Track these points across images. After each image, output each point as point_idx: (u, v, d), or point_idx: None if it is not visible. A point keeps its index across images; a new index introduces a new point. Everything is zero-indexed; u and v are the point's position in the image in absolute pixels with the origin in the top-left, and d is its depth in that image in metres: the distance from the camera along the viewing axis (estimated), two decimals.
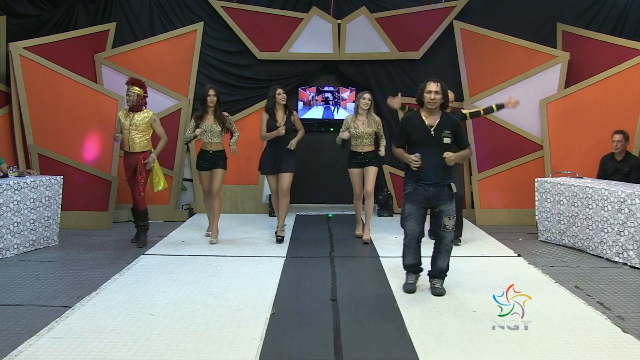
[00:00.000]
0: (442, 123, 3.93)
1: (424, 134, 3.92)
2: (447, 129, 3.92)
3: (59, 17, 6.94)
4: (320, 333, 3.29)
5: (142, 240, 5.52)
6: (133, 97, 5.41)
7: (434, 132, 3.91)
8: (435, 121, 3.93)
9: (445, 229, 3.95)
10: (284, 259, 5.03)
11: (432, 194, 3.92)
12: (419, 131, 3.94)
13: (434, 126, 3.92)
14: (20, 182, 5.16)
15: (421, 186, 3.93)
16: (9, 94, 6.44)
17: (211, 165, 5.63)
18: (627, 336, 3.22)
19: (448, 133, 3.92)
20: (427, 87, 3.95)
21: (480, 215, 6.89)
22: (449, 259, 4.05)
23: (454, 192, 3.94)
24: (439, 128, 3.92)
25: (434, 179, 3.90)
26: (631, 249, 4.76)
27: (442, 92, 3.94)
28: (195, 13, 7.21)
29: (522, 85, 6.85)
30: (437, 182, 3.91)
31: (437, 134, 3.91)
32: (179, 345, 3.08)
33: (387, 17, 7.15)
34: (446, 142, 3.91)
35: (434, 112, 3.97)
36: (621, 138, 5.90)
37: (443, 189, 3.92)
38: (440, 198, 3.92)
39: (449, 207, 3.93)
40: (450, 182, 3.94)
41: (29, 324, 3.37)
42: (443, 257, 4.03)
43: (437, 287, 4.03)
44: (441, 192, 3.92)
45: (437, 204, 3.94)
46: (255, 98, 7.25)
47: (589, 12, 7.08)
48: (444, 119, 3.97)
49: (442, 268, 4.05)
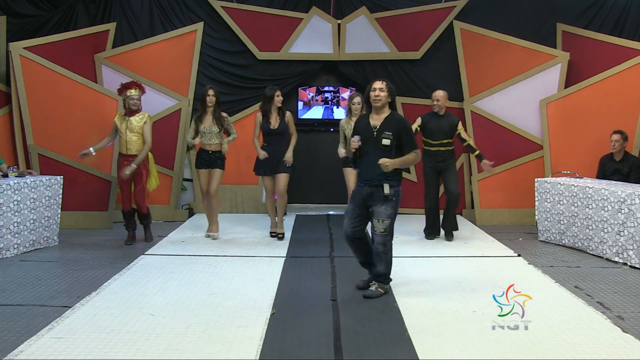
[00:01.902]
0: (385, 123, 3.90)
1: (368, 134, 3.93)
2: (389, 130, 3.87)
3: (59, 17, 6.94)
4: (320, 333, 3.29)
5: (148, 236, 5.64)
6: (137, 101, 5.46)
7: (376, 132, 3.90)
8: (380, 121, 3.92)
9: (374, 231, 3.92)
10: (284, 259, 5.04)
11: (367, 193, 3.91)
12: (365, 131, 3.96)
13: (377, 126, 3.91)
14: (20, 182, 5.16)
15: (360, 185, 3.97)
16: (9, 94, 6.44)
17: (209, 165, 5.68)
18: (627, 336, 3.22)
19: (388, 134, 3.85)
20: (372, 85, 3.95)
21: (480, 215, 6.89)
22: (384, 264, 3.94)
23: (386, 194, 3.84)
24: (381, 128, 3.89)
25: (370, 178, 3.88)
26: (631, 249, 4.76)
27: (388, 91, 3.92)
28: (195, 13, 7.21)
29: (522, 85, 6.85)
30: (373, 183, 3.87)
31: (378, 134, 3.89)
32: (179, 345, 3.08)
33: (387, 17, 7.15)
34: (384, 144, 3.84)
35: (380, 112, 3.95)
36: (619, 138, 5.89)
37: (377, 190, 3.86)
38: (373, 198, 3.88)
39: (380, 209, 3.86)
40: (384, 183, 3.84)
41: (29, 324, 3.37)
42: (376, 259, 3.97)
43: (370, 290, 4.00)
44: (375, 193, 3.87)
45: (371, 204, 3.91)
46: (255, 98, 7.23)
47: (589, 12, 7.08)
48: (389, 119, 3.92)
49: (378, 272, 3.98)
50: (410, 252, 5.32)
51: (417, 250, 5.39)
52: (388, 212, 3.85)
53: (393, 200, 3.87)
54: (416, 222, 6.34)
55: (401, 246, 5.55)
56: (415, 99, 7.17)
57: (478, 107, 6.94)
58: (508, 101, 6.90)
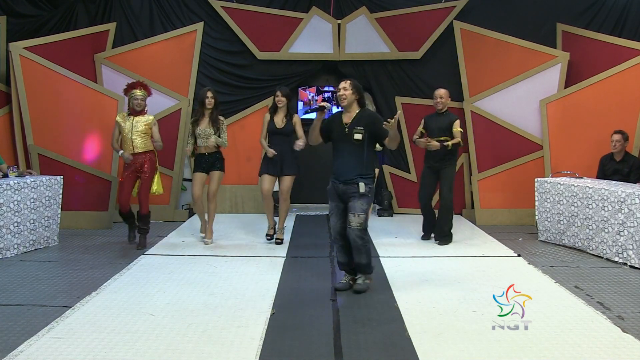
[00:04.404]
0: (356, 120, 4.01)
1: (340, 132, 4.03)
2: (359, 125, 3.97)
3: (59, 17, 6.94)
4: (320, 333, 3.29)
5: (141, 243, 5.45)
6: (142, 101, 5.43)
7: (347, 129, 4.00)
8: (351, 119, 4.03)
9: (350, 226, 3.97)
10: (284, 259, 5.03)
11: (342, 190, 4.00)
12: (337, 130, 4.06)
13: (348, 124, 4.02)
14: (20, 182, 5.16)
15: (334, 182, 4.04)
16: (9, 94, 6.44)
17: (208, 168, 5.59)
18: (627, 336, 3.22)
19: (360, 129, 3.96)
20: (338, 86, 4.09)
21: (480, 215, 6.89)
22: (364, 255, 4.02)
23: (360, 192, 3.93)
24: (352, 125, 4.00)
25: (345, 175, 3.97)
26: (631, 248, 4.76)
27: (353, 89, 4.02)
28: (195, 13, 7.21)
29: (522, 85, 6.85)
30: (347, 180, 3.97)
31: (349, 131, 3.99)
32: (179, 345, 3.08)
33: (387, 17, 7.15)
34: (356, 138, 3.95)
35: (350, 110, 4.06)
36: (620, 138, 5.89)
37: (351, 187, 3.96)
38: (348, 194, 3.97)
39: (356, 204, 3.94)
40: (359, 182, 3.94)
41: (29, 324, 3.37)
42: (356, 253, 4.04)
43: (358, 283, 4.07)
44: (349, 189, 3.97)
45: (346, 199, 4.00)
46: (255, 98, 7.25)
47: (589, 12, 7.08)
48: (359, 116, 4.04)
49: (360, 263, 4.06)
50: (410, 252, 5.32)
51: (417, 250, 5.39)
52: (364, 207, 3.97)
53: (368, 196, 3.99)
54: (415, 222, 6.33)
55: (401, 246, 5.56)
56: (415, 99, 7.18)
57: (478, 107, 6.94)
58: (508, 101, 6.90)
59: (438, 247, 5.50)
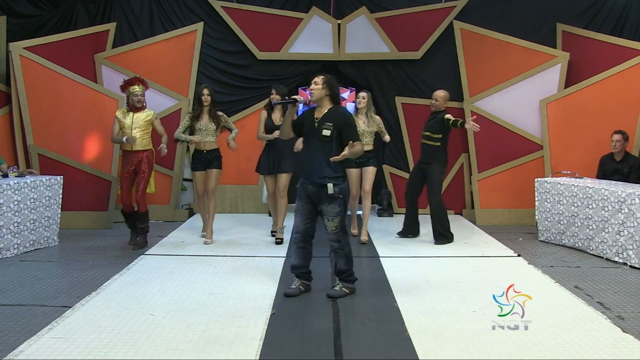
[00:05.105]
0: (327, 116, 3.93)
1: (310, 127, 3.96)
2: (329, 121, 3.90)
3: (59, 17, 6.94)
4: (320, 333, 3.29)
5: (141, 242, 5.45)
6: (141, 97, 5.43)
7: (317, 124, 3.93)
8: (321, 114, 3.96)
9: (326, 230, 3.95)
10: (284, 259, 5.04)
11: (311, 192, 3.92)
12: (308, 124, 3.99)
13: (319, 118, 3.95)
14: (20, 182, 5.16)
15: (304, 183, 3.97)
16: (9, 94, 6.44)
17: (206, 165, 5.61)
18: (627, 336, 3.22)
19: (329, 125, 3.87)
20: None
21: (480, 215, 6.88)
22: (343, 259, 3.98)
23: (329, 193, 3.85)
24: (322, 120, 3.93)
25: (313, 177, 3.89)
26: (631, 248, 4.76)
27: (324, 84, 3.93)
28: (195, 13, 7.21)
29: (522, 85, 6.85)
30: (314, 181, 3.89)
31: (319, 125, 3.92)
32: (179, 345, 3.08)
33: (387, 17, 7.14)
34: (324, 135, 3.86)
35: (321, 106, 3.99)
36: (620, 138, 5.89)
37: (321, 189, 3.87)
38: (319, 197, 3.90)
39: (328, 208, 3.88)
40: (328, 183, 3.83)
41: (29, 324, 3.37)
42: (336, 257, 4.01)
43: (333, 289, 4.00)
44: (320, 192, 3.89)
45: (318, 203, 3.93)
46: (255, 98, 7.24)
47: (589, 12, 7.08)
48: (331, 112, 3.95)
49: (340, 269, 4.01)
50: (410, 252, 5.32)
51: (417, 250, 5.38)
52: (336, 210, 3.89)
53: (340, 198, 3.90)
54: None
55: (401, 246, 5.55)
56: (415, 99, 7.18)
57: (478, 107, 6.94)
58: (508, 101, 6.89)
59: (438, 247, 5.50)
